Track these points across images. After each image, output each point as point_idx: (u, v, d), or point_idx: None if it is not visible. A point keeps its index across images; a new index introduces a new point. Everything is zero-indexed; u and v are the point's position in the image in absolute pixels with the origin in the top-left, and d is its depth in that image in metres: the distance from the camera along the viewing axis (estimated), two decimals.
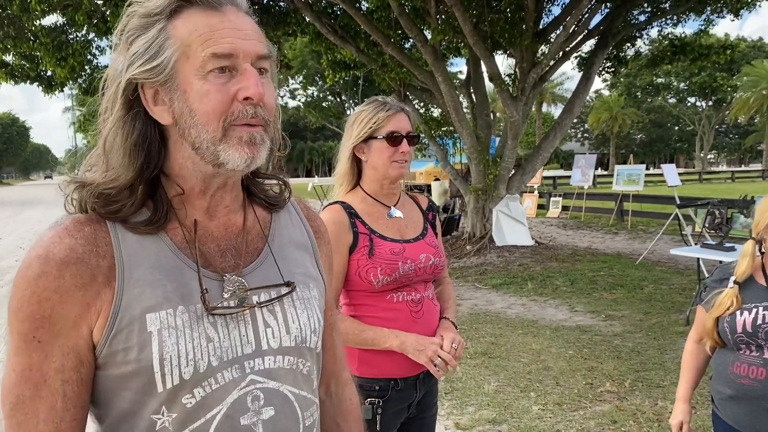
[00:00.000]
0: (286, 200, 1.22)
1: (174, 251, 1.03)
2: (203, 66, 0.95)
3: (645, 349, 5.70)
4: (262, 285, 1.08)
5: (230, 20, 0.97)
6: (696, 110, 62.20)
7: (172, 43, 0.96)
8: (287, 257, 1.16)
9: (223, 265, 1.07)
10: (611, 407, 4.37)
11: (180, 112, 0.98)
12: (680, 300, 7.50)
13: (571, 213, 17.53)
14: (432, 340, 2.00)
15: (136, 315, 0.96)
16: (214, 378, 1.00)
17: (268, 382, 1.05)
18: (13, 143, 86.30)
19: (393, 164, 2.08)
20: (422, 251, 2.11)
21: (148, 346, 0.96)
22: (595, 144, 71.40)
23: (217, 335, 1.01)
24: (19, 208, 28.66)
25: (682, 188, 12.37)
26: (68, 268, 0.94)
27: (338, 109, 34.98)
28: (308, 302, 1.14)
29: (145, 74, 0.97)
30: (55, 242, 0.95)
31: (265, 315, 1.07)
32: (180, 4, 0.97)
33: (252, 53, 0.98)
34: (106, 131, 1.01)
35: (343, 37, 12.00)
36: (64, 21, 11.85)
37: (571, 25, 10.63)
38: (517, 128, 10.96)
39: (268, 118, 1.00)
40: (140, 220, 1.01)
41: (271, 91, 1.02)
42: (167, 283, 1.00)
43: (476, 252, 11.05)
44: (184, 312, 0.99)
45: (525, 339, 6.11)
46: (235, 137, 0.97)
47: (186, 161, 1.02)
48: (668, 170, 12.13)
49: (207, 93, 0.96)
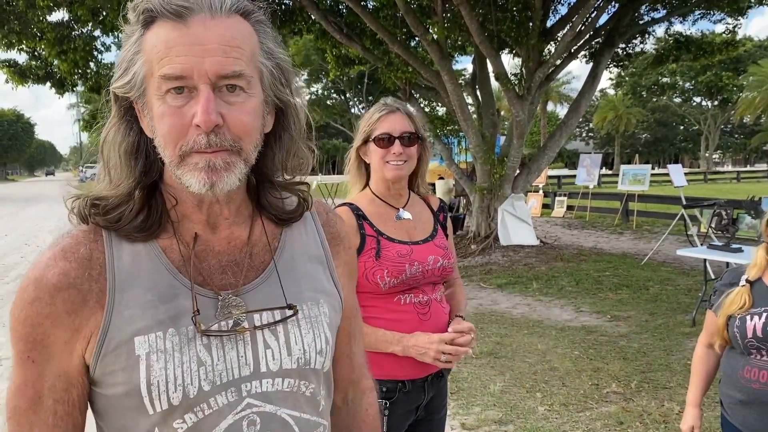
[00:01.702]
0: (301, 215, 1.14)
1: (169, 269, 0.99)
2: (159, 87, 0.90)
3: (651, 350, 5.68)
4: (262, 306, 1.03)
5: (191, 34, 0.89)
6: (701, 110, 61.97)
7: (140, 57, 0.92)
8: (297, 272, 1.09)
9: (223, 283, 1.02)
10: (617, 408, 4.36)
11: (153, 130, 0.95)
12: (686, 301, 7.47)
13: (576, 213, 17.49)
14: (432, 339, 1.97)
15: (125, 338, 0.94)
16: (207, 403, 0.97)
17: (265, 406, 1.01)
18: (18, 140, 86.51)
19: (387, 165, 2.08)
20: (430, 253, 2.09)
21: (136, 370, 0.94)
22: (600, 143, 71.22)
23: (210, 358, 0.97)
24: (23, 205, 28.73)
25: (687, 188, 12.30)
26: (60, 293, 0.93)
27: (342, 107, 34.98)
28: (315, 321, 1.08)
29: (121, 89, 0.95)
30: (50, 265, 0.95)
31: (266, 336, 1.02)
32: (150, 15, 0.92)
33: (210, 72, 0.89)
34: (102, 135, 1.01)
35: (349, 36, 11.98)
36: (69, 17, 11.86)
37: (578, 25, 10.60)
38: (522, 127, 10.93)
39: (232, 143, 0.92)
40: (134, 225, 0.98)
41: (241, 110, 0.93)
42: (159, 304, 0.97)
43: (481, 251, 11.03)
44: (175, 334, 0.96)
45: (530, 339, 6.10)
46: (191, 163, 0.92)
47: (173, 174, 0.97)
48: (674, 171, 12.08)
49: (162, 116, 0.91)
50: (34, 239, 15.01)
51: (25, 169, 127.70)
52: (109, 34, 12.16)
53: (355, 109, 34.20)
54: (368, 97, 30.08)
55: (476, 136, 11.18)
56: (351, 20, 12.02)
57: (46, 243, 14.68)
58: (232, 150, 0.93)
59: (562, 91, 58.93)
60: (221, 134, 0.91)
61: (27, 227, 18.10)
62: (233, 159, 0.94)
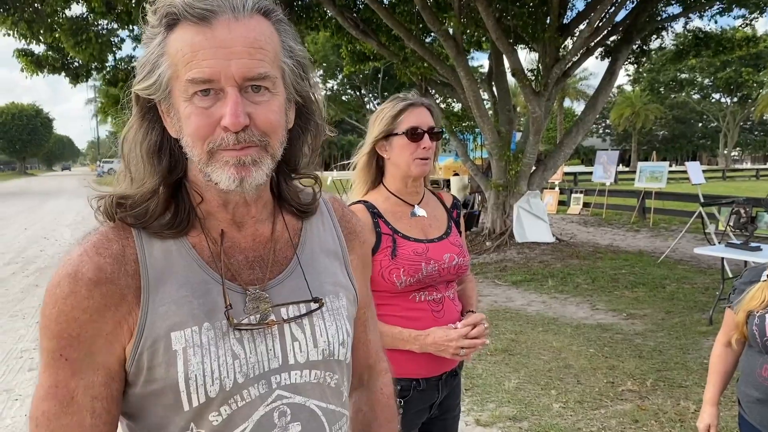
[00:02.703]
0: (318, 206, 1.17)
1: (201, 265, 1.01)
2: (186, 89, 0.92)
3: (667, 348, 5.64)
4: (289, 300, 1.06)
5: (216, 37, 0.90)
6: (720, 106, 61.25)
7: (165, 61, 0.93)
8: (317, 267, 1.12)
9: (251, 278, 1.05)
10: (632, 406, 4.34)
11: (178, 129, 0.97)
12: (703, 299, 7.41)
13: (592, 210, 17.37)
14: (450, 336, 1.96)
15: (162, 333, 0.95)
16: (240, 395, 0.99)
17: (295, 397, 1.04)
18: (37, 134, 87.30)
19: (415, 161, 2.03)
20: (446, 251, 2.08)
21: (174, 366, 0.95)
22: (617, 140, 70.65)
23: (243, 351, 0.99)
24: (43, 199, 29.07)
25: (705, 186, 12.19)
26: (98, 288, 0.93)
27: (358, 102, 34.96)
28: (337, 313, 1.11)
29: (145, 91, 0.96)
30: (84, 261, 0.94)
31: (293, 328, 1.05)
32: (173, 18, 0.93)
33: (237, 75, 0.91)
34: (123, 134, 1.02)
35: (365, 31, 11.98)
36: (85, 11, 11.98)
37: (595, 20, 10.51)
38: (539, 124, 10.88)
39: (260, 138, 0.95)
40: (163, 222, 1.00)
41: (267, 109, 0.95)
42: (193, 299, 0.98)
43: (496, 248, 11.01)
44: (210, 329, 0.98)
45: (545, 336, 6.08)
46: (221, 160, 0.94)
47: (199, 173, 0.99)
48: (692, 168, 11.98)
49: (189, 116, 0.93)
50: (53, 233, 15.19)
51: (44, 164, 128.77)
52: (124, 28, 12.25)
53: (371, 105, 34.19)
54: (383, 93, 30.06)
55: (492, 132, 11.14)
56: (367, 16, 12.02)
57: (64, 237, 14.89)
58: (260, 145, 0.95)
59: (579, 87, 58.45)
60: (249, 131, 0.94)
61: (46, 221, 18.32)
62: (261, 155, 0.96)
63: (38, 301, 7.94)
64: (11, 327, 6.81)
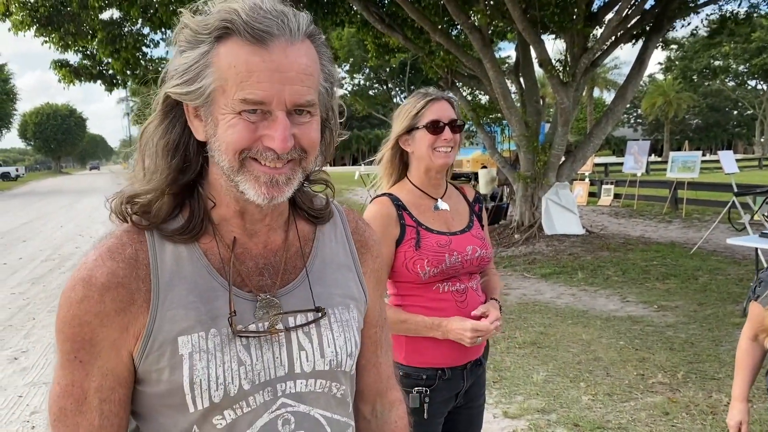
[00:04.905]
0: (331, 212, 1.18)
1: (210, 271, 1.03)
2: (234, 107, 0.93)
3: (699, 340, 5.57)
4: (296, 308, 1.07)
5: (273, 60, 0.91)
6: (756, 93, 59.78)
7: (212, 72, 0.93)
8: (327, 278, 1.13)
9: (261, 284, 1.06)
10: (663, 399, 4.30)
11: (210, 134, 0.97)
12: (737, 291, 7.28)
13: (623, 201, 17.14)
14: (465, 327, 1.99)
15: (169, 338, 0.98)
16: (246, 401, 1.01)
17: (299, 406, 1.05)
18: (71, 134, 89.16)
19: (436, 153, 2.08)
20: (469, 243, 2.12)
21: (179, 369, 0.97)
22: (648, 130, 69.45)
23: (249, 358, 1.01)
24: (77, 197, 29.70)
25: (740, 175, 11.96)
26: (109, 292, 0.96)
27: (385, 97, 34.96)
28: (346, 324, 1.12)
29: (182, 95, 0.97)
30: (98, 265, 0.97)
31: (300, 338, 1.06)
32: (225, 32, 0.93)
33: (288, 101, 0.93)
34: (143, 127, 1.04)
35: (390, 25, 11.97)
36: (120, 15, 12.17)
37: (624, 8, 10.35)
38: (567, 114, 10.76)
39: (298, 155, 0.97)
40: (176, 227, 1.02)
41: (309, 129, 0.98)
42: (200, 305, 1.00)
43: (525, 241, 10.94)
44: (216, 335, 1.00)
45: (575, 329, 6.04)
46: (252, 175, 0.96)
47: (219, 178, 1.01)
48: (725, 157, 11.74)
49: (234, 126, 0.94)
50: (88, 230, 15.54)
51: (78, 162, 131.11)
52: (157, 31, 12.42)
53: (397, 99, 34.16)
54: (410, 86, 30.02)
55: (519, 124, 11.05)
56: (392, 10, 12.00)
57: (99, 234, 15.38)
58: (299, 160, 0.98)
59: (609, 76, 57.59)
60: (291, 151, 0.96)
61: (81, 218, 18.74)
62: (295, 171, 0.99)
63: None
64: (50, 322, 7.00)
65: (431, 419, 2.08)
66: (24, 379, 5.25)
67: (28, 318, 7.24)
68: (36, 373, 5.39)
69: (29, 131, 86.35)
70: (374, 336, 1.26)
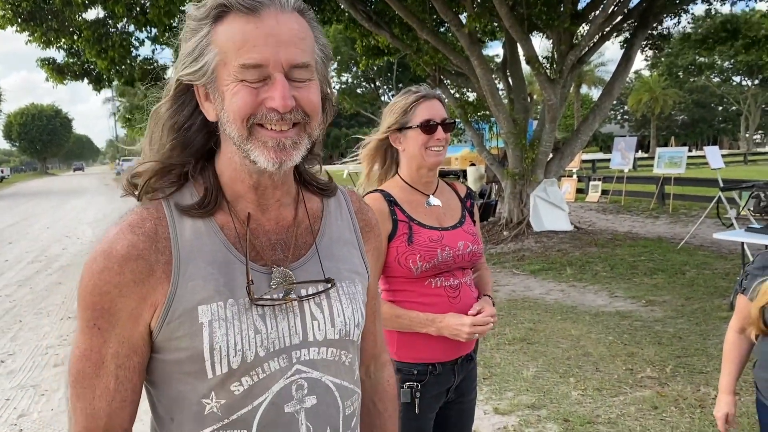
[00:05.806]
0: (335, 189, 1.26)
1: (227, 246, 1.09)
2: (235, 75, 1.00)
3: (687, 334, 5.61)
4: (307, 279, 1.13)
5: (266, 25, 0.99)
6: (741, 89, 60.29)
7: (212, 49, 1.01)
8: (335, 254, 1.20)
9: (274, 258, 1.12)
10: (652, 393, 4.33)
11: (220, 110, 1.04)
12: (724, 285, 7.35)
13: (610, 197, 17.24)
14: (463, 322, 2.01)
15: (189, 306, 1.03)
16: (261, 368, 1.06)
17: (312, 372, 1.11)
18: (57, 134, 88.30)
19: (428, 152, 2.10)
20: (460, 239, 2.13)
21: (199, 336, 1.03)
22: (635, 126, 69.83)
23: (264, 327, 1.07)
24: (64, 198, 29.46)
25: (726, 170, 12.03)
26: (128, 263, 1.01)
27: (373, 95, 34.94)
28: (353, 297, 1.19)
29: (189, 76, 1.04)
30: (119, 238, 1.03)
31: (313, 308, 1.13)
32: (222, 10, 1.01)
33: (284, 62, 1.00)
34: (156, 107, 1.11)
35: (378, 23, 11.96)
36: (105, 14, 12.05)
37: (609, 6, 10.40)
38: (555, 111, 10.81)
39: (303, 117, 1.03)
40: (192, 203, 1.08)
41: (309, 93, 1.04)
42: (219, 276, 1.06)
43: (513, 238, 10.98)
44: (234, 304, 1.05)
45: (564, 325, 6.07)
46: (260, 141, 1.02)
47: (234, 155, 1.08)
48: (711, 153, 11.82)
49: (236, 93, 1.00)
50: (74, 231, 15.41)
51: (64, 163, 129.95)
52: (143, 30, 12.32)
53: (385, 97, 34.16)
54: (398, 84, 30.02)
55: (507, 121, 11.09)
56: (380, 8, 11.99)
57: (86, 235, 15.09)
58: (303, 124, 1.04)
59: (597, 73, 57.83)
60: (294, 112, 1.02)
61: (68, 220, 18.57)
62: (300, 136, 1.05)
63: (62, 298, 8.09)
64: (37, 324, 6.95)
65: (422, 414, 2.09)
66: (11, 382, 5.21)
67: (15, 320, 7.17)
68: (23, 375, 5.34)
69: (14, 132, 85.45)
70: (373, 307, 1.35)
